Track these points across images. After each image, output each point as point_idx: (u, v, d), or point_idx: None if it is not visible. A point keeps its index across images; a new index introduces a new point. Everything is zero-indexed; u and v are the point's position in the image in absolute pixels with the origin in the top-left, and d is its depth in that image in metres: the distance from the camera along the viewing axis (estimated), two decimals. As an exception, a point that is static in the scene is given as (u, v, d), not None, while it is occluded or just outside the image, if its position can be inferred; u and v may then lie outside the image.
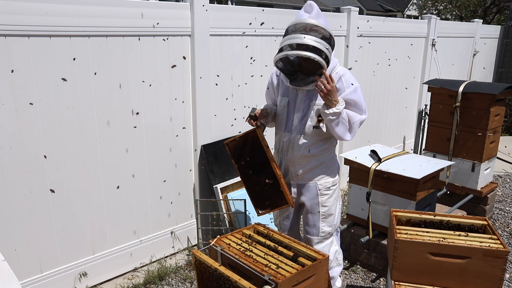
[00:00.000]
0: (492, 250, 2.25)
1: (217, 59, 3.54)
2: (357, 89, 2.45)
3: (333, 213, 2.63)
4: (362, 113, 2.48)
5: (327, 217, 2.60)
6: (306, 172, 2.57)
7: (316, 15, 2.36)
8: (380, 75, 5.39)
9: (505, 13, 14.00)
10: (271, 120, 2.67)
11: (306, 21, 2.29)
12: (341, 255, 2.81)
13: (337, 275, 2.80)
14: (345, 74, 2.48)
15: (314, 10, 2.38)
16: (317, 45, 2.25)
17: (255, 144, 2.56)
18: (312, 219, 2.62)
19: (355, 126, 2.47)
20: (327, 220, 2.60)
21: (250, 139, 2.57)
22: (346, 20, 4.66)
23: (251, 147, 2.58)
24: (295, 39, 2.27)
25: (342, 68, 2.51)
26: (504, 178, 5.51)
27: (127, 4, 2.91)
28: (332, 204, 2.62)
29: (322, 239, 2.63)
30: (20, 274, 2.73)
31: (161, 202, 3.42)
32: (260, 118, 2.55)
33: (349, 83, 2.45)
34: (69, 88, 2.74)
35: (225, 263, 2.29)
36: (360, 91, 2.47)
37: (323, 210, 2.60)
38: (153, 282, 3.21)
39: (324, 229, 2.61)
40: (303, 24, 2.30)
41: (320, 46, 2.26)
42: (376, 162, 3.25)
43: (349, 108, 2.45)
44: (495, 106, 3.91)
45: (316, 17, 2.34)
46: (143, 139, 3.19)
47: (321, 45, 2.26)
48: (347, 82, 2.45)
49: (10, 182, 2.60)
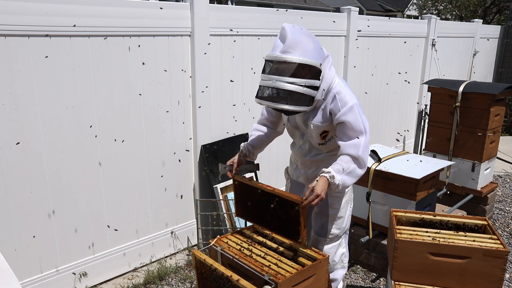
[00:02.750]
0: (492, 250, 2.25)
1: (217, 59, 3.54)
2: (353, 108, 2.22)
3: (343, 216, 2.54)
4: (361, 134, 2.23)
5: (336, 220, 2.52)
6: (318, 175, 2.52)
7: (292, 42, 2.09)
8: (380, 75, 5.39)
9: (505, 13, 13.99)
10: (258, 149, 2.57)
11: (277, 58, 2.09)
12: (347, 258, 2.71)
13: (340, 278, 2.70)
14: (340, 92, 2.26)
15: (288, 37, 2.09)
16: (291, 87, 2.07)
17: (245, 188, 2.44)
18: (321, 221, 2.55)
19: (363, 157, 2.22)
20: (336, 223, 2.53)
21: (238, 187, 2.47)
22: (346, 20, 4.66)
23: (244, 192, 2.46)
24: (267, 82, 2.12)
25: (338, 85, 2.28)
26: (504, 178, 5.51)
27: (127, 4, 2.91)
28: (342, 207, 2.52)
29: (329, 241, 2.59)
30: (20, 274, 2.73)
31: (161, 202, 3.42)
32: (237, 167, 2.46)
33: (344, 102, 2.23)
34: (69, 88, 2.74)
35: (225, 263, 2.29)
36: (357, 109, 2.23)
37: (332, 213, 2.51)
38: (153, 282, 3.21)
39: (333, 232, 2.54)
40: (275, 62, 2.11)
41: (294, 88, 2.07)
42: (376, 162, 3.25)
43: (345, 130, 2.24)
44: (495, 106, 3.91)
45: (291, 47, 2.08)
46: (143, 139, 3.19)
47: (296, 86, 2.07)
48: (342, 101, 2.24)
49: (10, 182, 2.60)
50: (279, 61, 2.10)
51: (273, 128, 2.61)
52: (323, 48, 2.27)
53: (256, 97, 2.21)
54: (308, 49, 2.11)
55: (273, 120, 2.59)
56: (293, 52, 2.08)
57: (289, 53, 2.08)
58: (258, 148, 2.58)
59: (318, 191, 2.10)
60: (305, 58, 2.09)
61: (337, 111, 2.24)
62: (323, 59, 2.23)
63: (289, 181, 2.73)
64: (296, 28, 2.14)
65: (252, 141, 2.57)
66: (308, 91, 2.12)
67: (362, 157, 2.22)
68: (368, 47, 5.06)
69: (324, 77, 2.23)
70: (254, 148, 2.56)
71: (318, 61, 2.15)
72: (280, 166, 4.22)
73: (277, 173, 4.22)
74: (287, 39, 2.09)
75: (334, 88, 2.27)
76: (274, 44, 2.14)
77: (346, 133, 2.25)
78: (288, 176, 2.74)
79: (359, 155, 2.21)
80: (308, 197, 2.11)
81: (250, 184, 2.35)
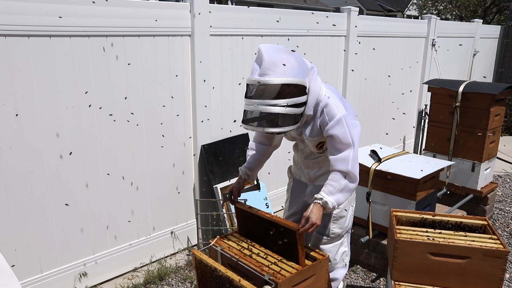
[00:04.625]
0: (492, 250, 2.25)
1: (217, 59, 3.54)
2: (341, 121, 2.20)
3: (345, 216, 2.54)
4: (349, 147, 2.22)
5: (338, 219, 2.52)
6: (320, 176, 2.52)
7: (269, 63, 2.04)
8: (380, 75, 5.40)
9: (505, 13, 13.99)
10: (257, 169, 2.57)
11: (256, 82, 2.06)
12: (348, 257, 2.69)
13: (341, 278, 2.67)
14: (327, 104, 2.22)
15: (265, 58, 2.05)
16: (274, 109, 2.05)
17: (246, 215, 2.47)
18: (323, 220, 2.56)
19: (353, 170, 2.23)
20: (338, 222, 2.53)
21: (239, 210, 2.50)
22: (346, 20, 4.66)
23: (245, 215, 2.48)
24: (250, 106, 2.10)
25: (325, 97, 2.24)
26: (504, 178, 5.51)
27: (127, 4, 2.91)
28: (345, 206, 2.51)
29: (331, 240, 2.59)
30: (20, 274, 2.73)
31: (161, 202, 3.42)
32: (237, 193, 2.50)
33: (331, 116, 2.21)
34: (69, 88, 2.74)
35: (225, 263, 2.29)
36: (345, 121, 2.21)
37: (334, 212, 2.50)
38: (153, 282, 3.21)
39: (335, 231, 2.54)
40: (254, 86, 2.08)
41: (277, 110, 2.05)
42: (376, 162, 3.25)
43: (333, 144, 2.24)
44: (495, 106, 3.91)
45: (269, 68, 2.03)
46: (143, 139, 3.19)
47: (279, 107, 2.05)
48: (329, 115, 2.21)
49: (10, 182, 2.60)
50: (259, 84, 2.07)
51: (269, 143, 2.59)
52: (306, 61, 2.23)
53: (242, 122, 2.20)
54: (287, 67, 2.06)
55: (267, 135, 2.58)
56: (271, 73, 2.04)
57: (267, 75, 2.04)
58: (256, 168, 2.59)
59: (313, 219, 2.14)
60: (284, 77, 2.04)
61: (325, 124, 2.23)
62: (307, 73, 2.19)
63: (292, 180, 2.74)
64: (272, 47, 2.11)
65: (249, 164, 2.57)
66: (292, 111, 2.09)
67: (352, 171, 2.22)
68: (368, 47, 5.06)
69: (311, 91, 2.19)
70: (252, 170, 2.57)
71: (300, 77, 2.10)
72: (281, 166, 4.22)
73: (278, 173, 4.22)
74: (264, 61, 2.05)
75: (322, 101, 2.24)
76: (253, 67, 2.10)
77: (334, 146, 2.25)
78: (291, 174, 2.75)
79: (348, 170, 2.21)
80: (304, 225, 2.14)
81: (249, 211, 2.39)
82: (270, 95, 2.11)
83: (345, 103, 2.39)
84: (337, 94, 2.34)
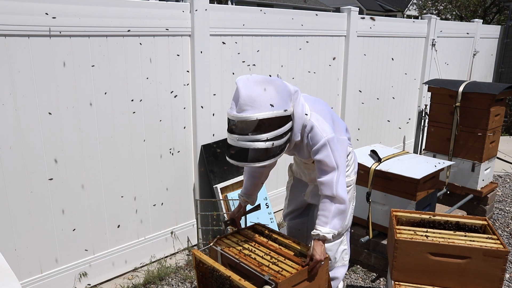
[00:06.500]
0: (492, 250, 2.25)
1: (217, 59, 3.54)
2: (325, 146, 2.18)
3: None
4: (333, 170, 2.21)
5: None
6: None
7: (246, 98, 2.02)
8: (380, 75, 5.39)
9: (505, 13, 13.99)
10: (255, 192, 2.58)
11: (234, 118, 2.05)
12: (348, 255, 2.70)
13: (341, 277, 2.67)
14: (312, 128, 2.20)
15: (242, 93, 2.03)
16: (254, 145, 2.03)
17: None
18: None
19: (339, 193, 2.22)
20: None
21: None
22: (346, 20, 4.66)
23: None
24: (231, 141, 2.09)
25: (310, 121, 2.22)
26: (504, 178, 5.51)
27: (127, 4, 2.91)
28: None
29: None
30: (20, 274, 2.73)
31: (161, 202, 3.42)
32: (239, 219, 2.53)
33: (316, 140, 2.19)
34: (69, 88, 2.74)
35: (225, 263, 2.29)
36: (329, 145, 2.19)
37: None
38: (153, 282, 3.21)
39: None
40: (233, 121, 2.08)
41: (258, 146, 2.03)
42: (376, 162, 3.25)
43: (320, 166, 2.24)
44: (495, 106, 3.91)
45: (246, 103, 2.01)
46: (142, 138, 3.19)
47: (259, 143, 2.03)
48: (314, 140, 2.20)
49: (10, 182, 2.60)
50: (236, 122, 2.06)
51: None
52: (289, 85, 2.18)
53: (227, 157, 2.18)
54: (266, 99, 2.03)
55: None
56: (248, 108, 2.01)
57: (245, 110, 2.02)
58: (255, 192, 2.59)
59: (318, 257, 2.16)
60: (261, 112, 2.01)
61: (311, 149, 2.24)
62: (290, 99, 2.15)
63: (292, 178, 2.75)
64: (250, 80, 2.08)
65: (246, 190, 2.57)
66: (273, 143, 2.07)
67: (338, 194, 2.22)
68: (368, 47, 5.06)
69: (295, 116, 2.17)
70: (251, 195, 2.58)
71: (279, 108, 2.06)
72: (280, 166, 4.21)
73: (277, 173, 4.22)
74: (241, 97, 2.03)
75: (308, 125, 2.22)
76: (231, 102, 2.10)
77: (320, 168, 2.25)
78: (291, 173, 2.76)
79: (334, 194, 2.21)
80: (308, 263, 2.17)
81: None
82: (250, 129, 2.08)
83: (334, 116, 2.37)
84: (323, 112, 2.31)
